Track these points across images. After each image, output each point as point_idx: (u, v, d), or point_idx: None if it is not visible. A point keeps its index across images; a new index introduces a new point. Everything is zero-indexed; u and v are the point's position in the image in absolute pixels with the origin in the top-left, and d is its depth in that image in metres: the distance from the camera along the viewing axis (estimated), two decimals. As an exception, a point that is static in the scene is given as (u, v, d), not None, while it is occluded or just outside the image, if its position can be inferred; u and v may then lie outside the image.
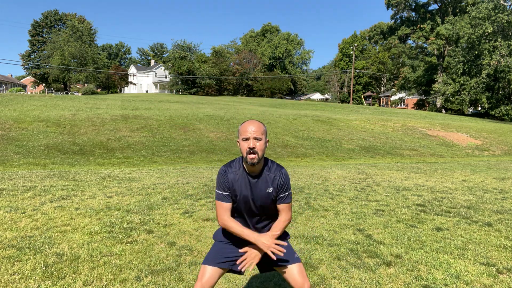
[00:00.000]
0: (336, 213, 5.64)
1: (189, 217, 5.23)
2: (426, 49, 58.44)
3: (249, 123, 2.25)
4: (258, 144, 2.20)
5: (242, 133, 2.22)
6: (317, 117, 25.61)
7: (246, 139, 2.20)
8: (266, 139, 2.27)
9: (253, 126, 2.22)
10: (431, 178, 9.80)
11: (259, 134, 2.20)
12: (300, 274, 2.29)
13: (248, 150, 2.19)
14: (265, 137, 2.26)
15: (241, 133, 2.23)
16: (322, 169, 11.69)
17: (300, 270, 2.30)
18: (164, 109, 24.11)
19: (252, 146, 2.18)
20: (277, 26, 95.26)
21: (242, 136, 2.22)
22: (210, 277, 2.27)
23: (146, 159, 13.17)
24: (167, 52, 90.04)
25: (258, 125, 2.24)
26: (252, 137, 2.19)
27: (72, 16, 71.37)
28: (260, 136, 2.20)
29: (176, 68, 64.29)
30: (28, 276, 3.19)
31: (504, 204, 6.56)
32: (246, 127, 2.22)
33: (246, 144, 2.20)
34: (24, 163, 11.43)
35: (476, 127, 28.66)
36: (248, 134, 2.19)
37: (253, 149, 2.18)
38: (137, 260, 3.62)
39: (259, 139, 2.20)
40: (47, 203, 5.88)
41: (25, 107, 21.11)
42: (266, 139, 2.27)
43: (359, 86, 77.98)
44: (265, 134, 2.25)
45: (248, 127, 2.21)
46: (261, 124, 2.27)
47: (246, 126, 2.23)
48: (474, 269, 3.54)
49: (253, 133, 2.19)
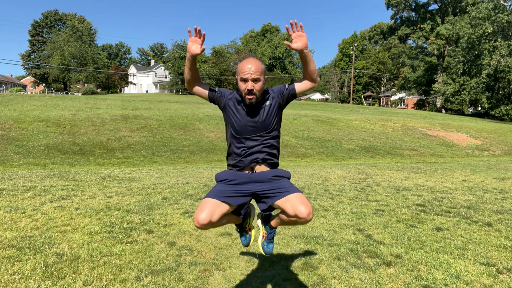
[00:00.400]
0: (336, 213, 5.64)
1: (189, 217, 5.23)
2: (426, 49, 58.44)
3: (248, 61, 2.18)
4: (257, 84, 2.16)
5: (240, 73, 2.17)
6: (317, 117, 25.60)
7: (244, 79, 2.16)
8: (264, 78, 2.22)
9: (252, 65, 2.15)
10: (431, 178, 9.80)
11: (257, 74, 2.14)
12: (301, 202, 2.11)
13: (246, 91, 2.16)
14: (264, 76, 2.21)
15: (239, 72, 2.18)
16: (322, 169, 11.68)
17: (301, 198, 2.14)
18: (164, 109, 24.11)
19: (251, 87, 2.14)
20: (277, 26, 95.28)
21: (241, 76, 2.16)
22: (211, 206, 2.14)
23: (146, 159, 13.16)
24: (167, 52, 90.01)
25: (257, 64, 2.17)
26: (250, 78, 2.14)
27: (72, 16, 71.36)
28: (258, 76, 2.15)
29: (176, 68, 64.29)
30: (28, 276, 3.19)
31: (504, 204, 6.56)
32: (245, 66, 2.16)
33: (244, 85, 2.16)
34: (24, 163, 11.43)
35: (476, 127, 28.66)
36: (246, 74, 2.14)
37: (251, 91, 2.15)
38: (137, 260, 3.62)
39: (258, 80, 2.15)
40: (47, 203, 5.88)
41: (25, 107, 21.11)
42: (264, 78, 2.22)
43: (359, 86, 77.96)
44: (263, 73, 2.20)
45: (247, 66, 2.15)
46: (260, 62, 2.21)
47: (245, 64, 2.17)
48: (474, 269, 3.54)
49: (251, 74, 2.14)
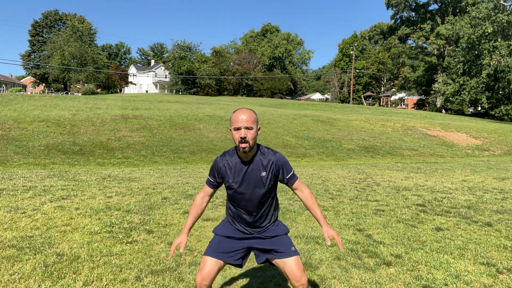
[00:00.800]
0: (336, 213, 5.64)
1: (189, 217, 5.22)
2: (426, 49, 58.46)
3: (240, 112, 2.27)
4: (249, 133, 2.24)
5: (234, 123, 2.27)
6: (317, 117, 25.61)
7: (237, 128, 2.25)
8: (257, 127, 2.31)
9: (244, 115, 2.25)
10: (431, 178, 9.80)
11: (249, 123, 2.24)
12: (298, 268, 2.30)
13: (240, 140, 2.24)
14: (256, 125, 2.31)
15: (233, 123, 2.28)
16: (322, 169, 11.69)
17: (297, 263, 2.31)
18: (164, 109, 24.11)
19: (244, 135, 2.23)
20: (277, 26, 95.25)
21: (234, 126, 2.27)
22: (210, 269, 2.32)
23: (146, 159, 13.17)
24: (167, 52, 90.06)
25: (249, 114, 2.27)
26: (243, 126, 2.23)
27: (72, 16, 71.36)
28: (251, 125, 2.24)
29: (176, 68, 64.27)
30: (28, 276, 3.19)
31: (504, 204, 6.56)
32: (237, 116, 2.26)
33: (237, 134, 2.26)
34: (24, 163, 11.43)
35: (476, 127, 28.66)
36: (239, 123, 2.24)
37: (244, 139, 2.23)
38: (137, 260, 3.62)
39: (250, 128, 2.24)
40: (47, 203, 5.88)
41: (25, 107, 21.11)
42: (257, 127, 2.31)
43: (359, 86, 77.96)
44: (256, 122, 2.30)
45: (239, 116, 2.25)
46: (252, 112, 2.30)
47: (237, 115, 2.26)
48: (474, 269, 3.54)
49: (244, 123, 2.23)
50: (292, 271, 2.28)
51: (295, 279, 2.27)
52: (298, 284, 2.27)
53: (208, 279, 2.30)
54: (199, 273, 2.33)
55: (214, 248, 2.39)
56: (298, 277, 2.27)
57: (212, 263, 2.33)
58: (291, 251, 2.35)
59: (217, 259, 2.35)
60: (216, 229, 2.53)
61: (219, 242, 2.43)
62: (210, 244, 2.45)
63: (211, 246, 2.41)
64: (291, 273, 2.29)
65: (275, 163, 2.37)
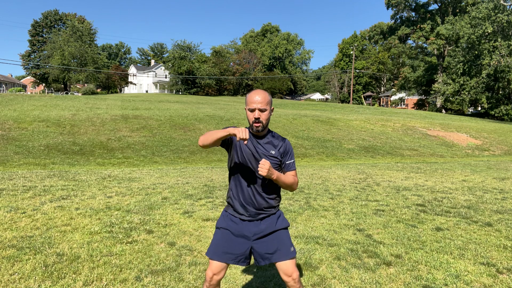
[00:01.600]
0: (336, 213, 5.64)
1: (189, 217, 5.23)
2: (426, 49, 58.44)
3: (255, 93, 2.40)
4: (263, 114, 2.37)
5: (248, 104, 2.40)
6: (317, 117, 25.60)
7: (252, 110, 2.37)
8: (271, 108, 2.44)
9: (259, 96, 2.38)
10: (431, 178, 9.80)
11: (263, 105, 2.36)
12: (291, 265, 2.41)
13: (254, 120, 2.37)
14: (270, 106, 2.43)
15: (248, 103, 2.40)
16: (322, 169, 11.68)
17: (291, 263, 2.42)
18: (164, 109, 24.11)
19: (258, 116, 2.36)
20: (277, 26, 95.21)
21: (248, 107, 2.39)
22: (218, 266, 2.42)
23: (146, 159, 13.16)
24: (167, 52, 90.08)
25: (263, 96, 2.39)
26: (257, 108, 2.36)
27: (72, 16, 71.35)
28: (265, 107, 2.37)
29: (176, 68, 64.25)
30: (28, 276, 3.19)
31: (504, 204, 6.56)
32: (252, 98, 2.38)
33: (252, 114, 2.38)
34: (24, 163, 11.43)
35: (476, 127, 28.66)
36: (254, 105, 2.36)
37: (258, 119, 2.36)
38: (137, 260, 3.62)
39: (264, 110, 2.37)
40: (47, 203, 5.88)
41: (25, 107, 21.11)
42: (271, 108, 2.44)
43: (359, 86, 77.95)
44: (270, 103, 2.43)
45: (254, 98, 2.37)
46: (266, 94, 2.42)
47: (252, 96, 2.39)
48: (474, 269, 3.54)
49: (258, 104, 2.36)
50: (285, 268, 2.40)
51: (287, 274, 2.38)
52: (289, 279, 2.38)
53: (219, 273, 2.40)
54: (209, 269, 2.42)
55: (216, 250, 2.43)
56: (290, 271, 2.38)
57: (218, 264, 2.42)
58: (290, 252, 2.44)
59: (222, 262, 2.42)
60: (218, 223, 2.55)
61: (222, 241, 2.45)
62: (212, 243, 2.48)
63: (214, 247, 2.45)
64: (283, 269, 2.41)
65: (283, 146, 2.49)
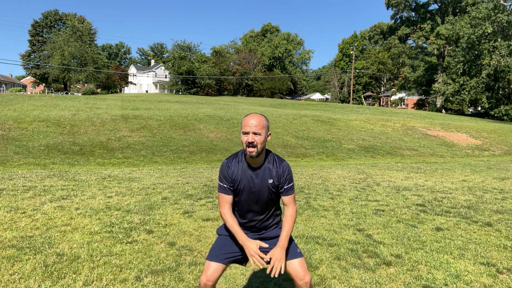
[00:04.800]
0: (336, 213, 5.64)
1: (189, 217, 5.23)
2: (426, 49, 58.45)
3: (250, 117, 2.29)
4: (257, 138, 2.25)
5: (243, 127, 2.29)
6: (317, 117, 25.60)
7: (246, 133, 2.27)
8: (267, 133, 2.32)
9: (254, 120, 2.27)
10: (431, 178, 9.80)
11: (258, 128, 2.25)
12: (301, 267, 2.34)
13: (247, 144, 2.26)
14: (266, 131, 2.31)
15: (242, 127, 2.30)
16: (322, 169, 11.68)
17: (301, 264, 2.36)
18: (164, 109, 24.10)
19: (251, 140, 2.24)
20: (277, 26, 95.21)
21: (243, 130, 2.29)
22: (214, 271, 2.35)
23: (146, 159, 13.16)
24: (167, 52, 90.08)
25: (259, 119, 2.28)
26: (251, 131, 2.25)
27: (72, 16, 71.35)
28: (259, 131, 2.25)
29: (176, 68, 64.26)
30: (28, 276, 3.19)
31: (504, 204, 6.56)
32: (247, 121, 2.28)
33: (245, 138, 2.27)
34: (24, 163, 11.43)
35: (476, 127, 28.66)
36: (248, 128, 2.25)
37: (252, 143, 2.25)
38: (137, 260, 3.62)
39: (258, 134, 2.25)
40: (47, 203, 5.88)
41: (25, 107, 21.11)
42: (267, 133, 2.32)
43: (359, 86, 77.96)
44: (265, 128, 2.30)
45: (249, 121, 2.27)
46: (263, 118, 2.32)
47: (247, 120, 2.28)
48: (474, 269, 3.54)
49: (252, 128, 2.25)
50: (295, 270, 2.33)
51: (299, 278, 2.31)
52: (301, 283, 2.31)
53: (213, 280, 2.33)
54: (203, 274, 2.34)
55: (217, 253, 2.39)
56: (302, 275, 2.31)
57: (216, 266, 2.36)
58: (296, 252, 2.39)
59: (220, 263, 2.37)
60: (220, 230, 2.53)
61: (223, 245, 2.42)
62: (212, 248, 2.45)
63: (214, 251, 2.41)
64: (294, 272, 2.33)
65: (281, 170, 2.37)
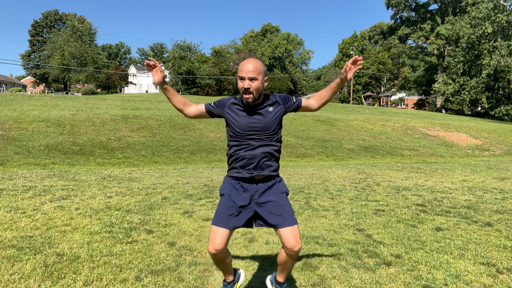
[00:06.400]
0: (336, 213, 5.64)
1: (189, 217, 5.23)
2: (426, 49, 58.43)
3: (247, 61, 2.24)
4: (254, 84, 2.20)
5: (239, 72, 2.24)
6: (317, 117, 25.60)
7: (242, 78, 2.22)
8: (264, 78, 2.27)
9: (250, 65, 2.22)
10: (431, 178, 9.80)
11: (254, 73, 2.20)
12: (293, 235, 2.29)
13: (243, 90, 2.22)
14: (263, 76, 2.26)
15: (238, 71, 2.24)
16: (322, 169, 11.68)
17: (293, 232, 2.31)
18: (164, 109, 24.10)
19: (247, 86, 2.19)
20: (277, 26, 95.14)
21: (239, 75, 2.23)
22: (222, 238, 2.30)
23: (146, 159, 13.16)
24: (167, 52, 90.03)
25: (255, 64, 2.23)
26: (247, 76, 2.19)
27: (72, 16, 71.32)
28: (255, 76, 2.20)
29: (176, 68, 64.22)
30: (28, 276, 3.19)
31: (504, 204, 6.56)
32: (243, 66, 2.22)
33: (241, 83, 2.23)
34: (24, 163, 11.43)
35: (476, 127, 28.65)
36: (244, 73, 2.20)
37: (248, 89, 2.20)
38: (137, 260, 3.62)
39: (255, 79, 2.20)
40: (47, 203, 5.88)
41: (25, 107, 21.10)
42: (263, 78, 2.27)
43: (359, 86, 77.92)
44: (262, 73, 2.25)
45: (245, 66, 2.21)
46: (259, 62, 2.26)
47: (244, 64, 2.23)
48: (474, 269, 3.54)
49: (248, 73, 2.19)
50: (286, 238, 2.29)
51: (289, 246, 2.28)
52: (290, 251, 2.29)
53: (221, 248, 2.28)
54: (210, 244, 2.29)
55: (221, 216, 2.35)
56: (293, 243, 2.27)
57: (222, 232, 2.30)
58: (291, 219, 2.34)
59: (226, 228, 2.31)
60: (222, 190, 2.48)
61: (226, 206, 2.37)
62: (217, 211, 2.41)
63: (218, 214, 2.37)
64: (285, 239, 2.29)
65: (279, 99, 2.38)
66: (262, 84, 2.26)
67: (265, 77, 2.28)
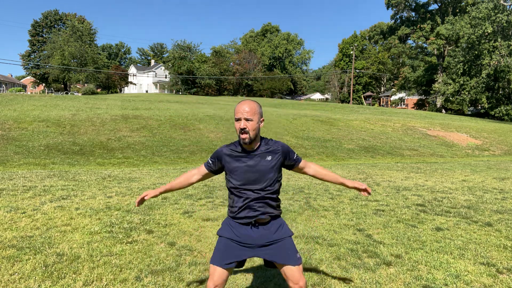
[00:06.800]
0: (336, 213, 5.64)
1: (189, 217, 5.23)
2: (426, 49, 58.46)
3: (242, 103, 2.32)
4: (249, 124, 2.27)
5: (235, 113, 2.32)
6: (317, 117, 25.60)
7: (238, 119, 2.30)
8: (260, 119, 2.34)
9: (246, 106, 2.29)
10: (431, 178, 9.80)
11: (250, 114, 2.27)
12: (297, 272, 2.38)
13: (240, 130, 2.29)
14: (259, 117, 2.33)
15: (235, 113, 2.33)
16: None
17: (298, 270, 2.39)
18: (164, 109, 24.10)
19: (243, 126, 2.26)
20: (277, 26, 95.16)
21: (235, 116, 2.32)
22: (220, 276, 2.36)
23: (146, 159, 13.16)
24: (167, 52, 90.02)
25: (251, 106, 2.30)
26: (243, 117, 2.27)
27: (72, 16, 71.30)
28: (251, 117, 2.27)
29: (176, 68, 64.24)
30: (28, 276, 3.19)
31: (504, 204, 6.56)
32: (239, 108, 2.30)
33: (238, 124, 2.30)
34: (24, 163, 11.43)
35: (476, 127, 28.66)
36: (240, 114, 2.28)
37: (244, 129, 2.27)
38: (137, 260, 3.62)
39: (250, 120, 2.27)
40: (47, 203, 5.88)
41: (25, 107, 21.11)
42: (260, 119, 2.34)
43: (359, 86, 77.92)
44: (258, 114, 2.32)
45: (241, 108, 2.29)
46: (255, 104, 2.33)
47: (239, 106, 2.31)
48: (474, 269, 3.53)
49: (244, 114, 2.27)
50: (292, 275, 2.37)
51: (294, 281, 2.35)
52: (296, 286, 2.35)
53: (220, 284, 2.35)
54: (210, 280, 2.35)
55: (221, 256, 2.39)
56: (297, 279, 2.35)
57: (221, 271, 2.36)
58: (296, 258, 2.40)
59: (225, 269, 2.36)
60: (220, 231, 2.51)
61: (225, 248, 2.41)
62: (216, 250, 2.43)
63: (218, 254, 2.40)
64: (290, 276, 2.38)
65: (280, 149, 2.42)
66: (258, 124, 2.34)
67: (261, 118, 2.37)
